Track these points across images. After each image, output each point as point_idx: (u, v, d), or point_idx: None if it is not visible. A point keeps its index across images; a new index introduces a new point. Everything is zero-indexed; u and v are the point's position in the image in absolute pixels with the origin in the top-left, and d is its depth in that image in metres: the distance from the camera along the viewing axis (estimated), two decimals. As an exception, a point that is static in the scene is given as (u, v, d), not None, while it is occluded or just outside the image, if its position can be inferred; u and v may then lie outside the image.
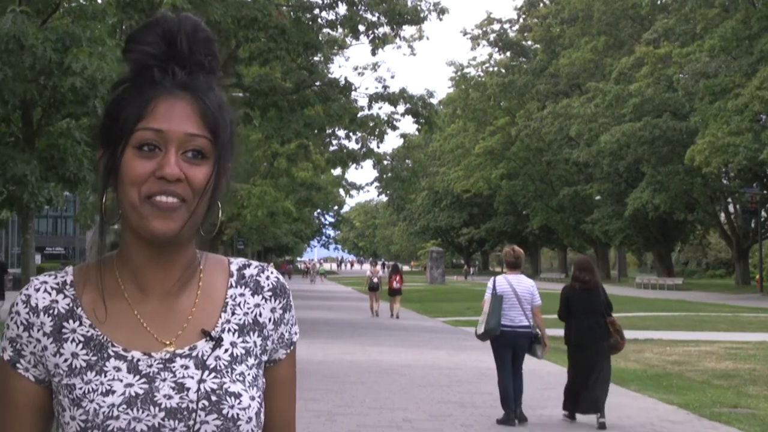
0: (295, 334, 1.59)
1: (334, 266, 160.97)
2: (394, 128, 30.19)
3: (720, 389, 12.39)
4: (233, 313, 1.50)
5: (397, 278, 28.54)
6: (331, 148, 34.54)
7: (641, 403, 11.18)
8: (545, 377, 13.41)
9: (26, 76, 12.89)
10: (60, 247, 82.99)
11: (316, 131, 28.08)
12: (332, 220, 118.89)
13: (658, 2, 58.76)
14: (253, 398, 1.44)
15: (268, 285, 1.55)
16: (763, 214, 54.07)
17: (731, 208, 58.79)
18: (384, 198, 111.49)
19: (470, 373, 13.22)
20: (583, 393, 9.45)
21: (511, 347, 9.57)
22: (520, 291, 9.57)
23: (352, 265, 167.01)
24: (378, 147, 32.95)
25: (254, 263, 1.58)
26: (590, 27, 63.53)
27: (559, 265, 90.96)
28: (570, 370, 9.87)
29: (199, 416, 1.39)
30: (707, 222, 60.38)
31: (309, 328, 21.95)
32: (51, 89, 13.45)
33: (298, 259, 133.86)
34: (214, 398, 1.40)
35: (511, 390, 9.46)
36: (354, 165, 33.40)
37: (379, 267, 31.36)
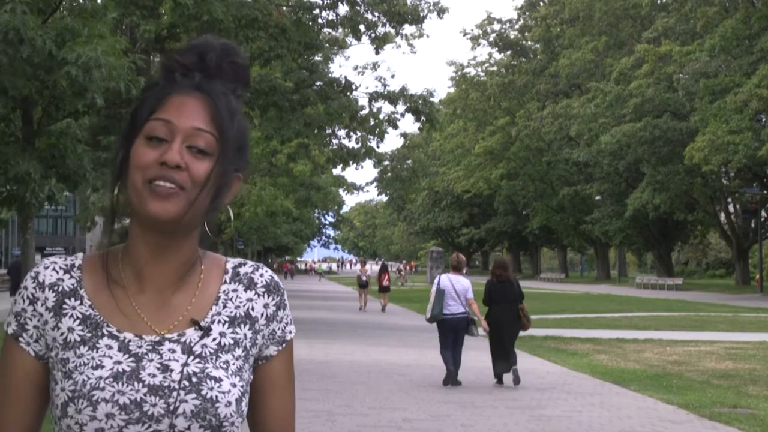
0: (290, 332, 1.63)
1: (335, 266, 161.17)
2: (395, 126, 30.17)
3: (720, 389, 12.37)
4: (225, 306, 1.57)
5: (386, 277, 32.26)
6: (331, 147, 34.46)
7: (641, 403, 11.18)
8: (545, 377, 13.44)
9: (25, 70, 12.80)
10: (60, 247, 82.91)
11: (316, 130, 28.05)
12: (332, 220, 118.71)
13: (659, 2, 58.73)
14: (234, 385, 1.49)
15: (262, 282, 1.61)
16: (763, 214, 54.05)
17: (731, 208, 58.76)
18: (384, 198, 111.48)
19: (470, 373, 13.22)
20: (501, 360, 12.43)
21: (452, 330, 12.48)
22: (458, 288, 12.50)
23: (351, 265, 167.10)
24: (378, 146, 32.91)
25: (250, 262, 1.65)
26: (591, 27, 63.49)
27: (558, 265, 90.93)
28: (491, 344, 12.67)
29: (179, 395, 1.45)
30: (707, 222, 60.37)
31: (309, 328, 21.95)
32: (51, 87, 13.40)
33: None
34: (195, 380, 1.46)
35: (449, 358, 12.39)
36: (354, 164, 33.38)
37: (367, 267, 34.57)
